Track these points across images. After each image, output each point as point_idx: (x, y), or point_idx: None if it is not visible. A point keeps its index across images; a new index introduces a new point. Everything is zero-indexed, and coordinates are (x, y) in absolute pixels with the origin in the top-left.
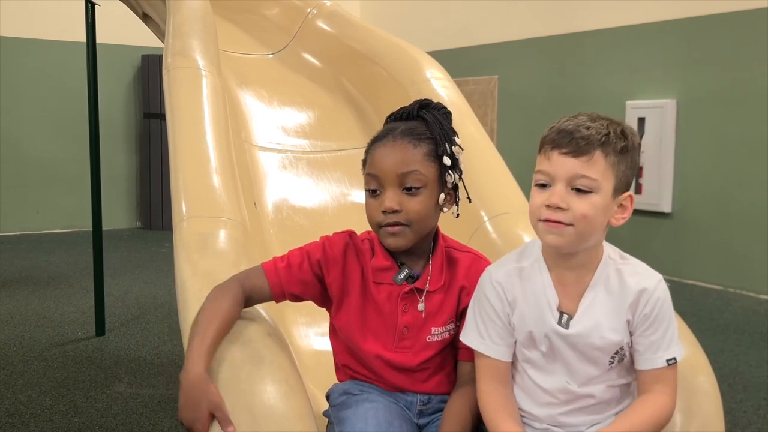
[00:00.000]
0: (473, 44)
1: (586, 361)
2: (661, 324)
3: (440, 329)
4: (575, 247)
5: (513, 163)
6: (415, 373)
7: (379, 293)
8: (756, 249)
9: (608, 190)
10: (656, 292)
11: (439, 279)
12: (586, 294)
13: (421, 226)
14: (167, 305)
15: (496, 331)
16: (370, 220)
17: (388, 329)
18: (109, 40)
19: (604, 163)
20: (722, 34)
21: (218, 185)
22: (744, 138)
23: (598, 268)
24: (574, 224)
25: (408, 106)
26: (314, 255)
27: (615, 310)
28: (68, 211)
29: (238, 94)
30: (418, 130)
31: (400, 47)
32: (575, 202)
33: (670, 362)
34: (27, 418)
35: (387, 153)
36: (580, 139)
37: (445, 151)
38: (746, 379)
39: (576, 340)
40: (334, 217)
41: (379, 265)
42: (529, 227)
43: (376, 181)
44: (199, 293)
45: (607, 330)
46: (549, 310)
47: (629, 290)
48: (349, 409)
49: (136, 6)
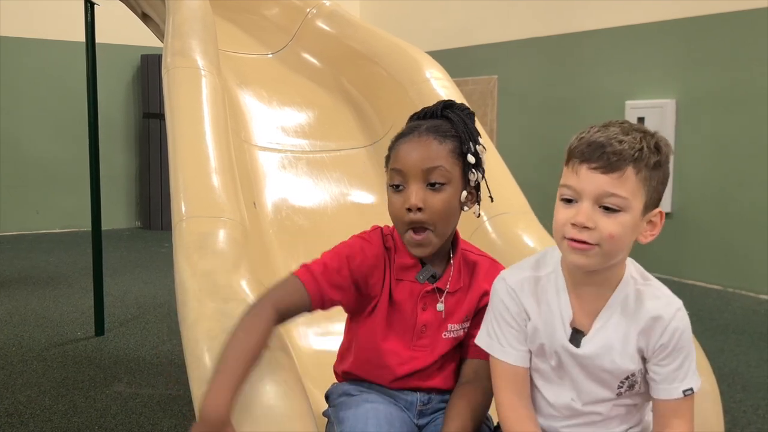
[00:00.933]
0: (473, 44)
1: (595, 382)
2: (680, 354)
3: (457, 326)
4: (600, 266)
5: (512, 163)
6: (423, 371)
7: (401, 290)
8: (756, 249)
9: (638, 208)
10: (673, 322)
11: (459, 280)
12: (602, 313)
13: (444, 226)
14: (167, 305)
15: (514, 336)
16: (393, 216)
17: (407, 327)
18: (109, 40)
19: (635, 180)
20: (722, 34)
21: (218, 185)
22: (744, 138)
23: (618, 287)
24: (600, 244)
25: (432, 105)
26: (354, 259)
27: (627, 335)
28: (68, 210)
29: (237, 94)
30: (443, 128)
31: (400, 47)
32: (603, 222)
33: (686, 393)
34: (26, 418)
35: (413, 148)
36: (612, 154)
37: (469, 149)
38: (746, 379)
39: (586, 360)
40: (333, 217)
41: (402, 263)
42: (529, 227)
43: (401, 175)
44: (198, 293)
45: (618, 355)
46: (562, 326)
47: (644, 315)
48: (349, 409)
49: (135, 6)
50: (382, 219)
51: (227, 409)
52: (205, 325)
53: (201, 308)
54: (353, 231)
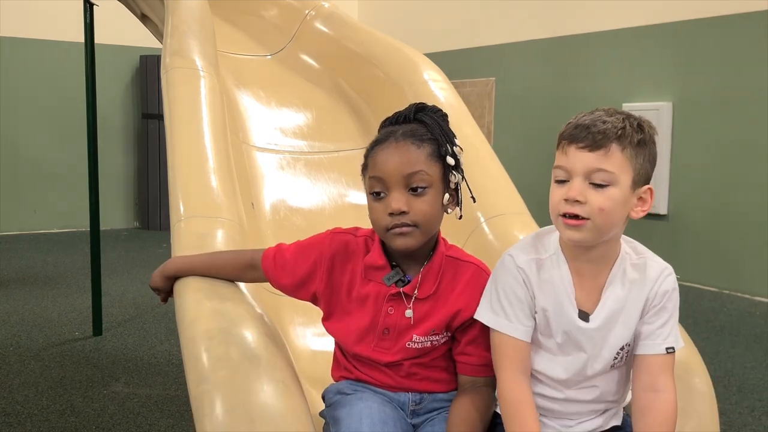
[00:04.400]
0: (471, 46)
1: (598, 357)
2: (665, 313)
3: (421, 338)
4: (595, 240)
5: (510, 164)
6: (393, 368)
7: (367, 290)
8: (751, 251)
9: (626, 183)
10: (664, 284)
11: (430, 287)
12: (606, 290)
13: (429, 227)
14: (164, 305)
15: (522, 311)
16: (375, 224)
17: (370, 328)
18: (108, 41)
19: (621, 156)
20: (718, 37)
21: (216, 185)
22: (739, 140)
23: (616, 263)
24: (591, 218)
25: (404, 110)
26: (309, 252)
27: (629, 306)
28: (66, 211)
29: (236, 95)
30: (419, 132)
31: (398, 49)
32: (593, 196)
33: (669, 350)
34: (23, 417)
35: (391, 154)
36: (596, 133)
37: (447, 151)
38: (741, 380)
39: (594, 333)
40: (330, 217)
41: (372, 263)
42: (525, 228)
43: (381, 183)
44: (196, 293)
45: (621, 326)
46: (570, 304)
47: (642, 287)
48: (344, 408)
49: (134, 6)
50: None
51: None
52: (202, 325)
53: (199, 308)
54: None
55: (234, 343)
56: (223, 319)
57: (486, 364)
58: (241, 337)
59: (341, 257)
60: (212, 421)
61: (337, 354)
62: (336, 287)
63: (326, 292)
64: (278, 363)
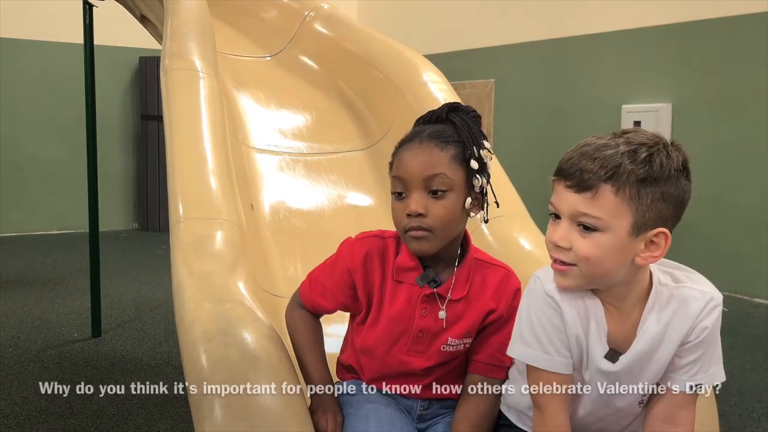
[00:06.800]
0: (470, 48)
1: (620, 398)
2: (699, 349)
3: (457, 341)
4: (589, 286)
5: (509, 166)
6: (419, 377)
7: (399, 293)
8: (751, 252)
9: (623, 228)
10: (706, 320)
11: (462, 289)
12: (639, 329)
13: (446, 232)
14: (164, 307)
15: (561, 342)
16: (396, 223)
17: (403, 330)
18: (107, 42)
19: (614, 199)
20: (718, 38)
21: (215, 187)
22: (739, 142)
23: (650, 298)
24: (578, 265)
25: (437, 109)
26: (336, 267)
27: (665, 346)
28: (65, 212)
29: (235, 96)
30: (446, 133)
31: (397, 50)
32: (577, 242)
33: (694, 388)
34: (22, 419)
35: (413, 156)
36: (583, 172)
37: (472, 154)
38: (741, 382)
39: (619, 376)
40: (330, 219)
41: (403, 264)
42: (525, 229)
43: (402, 183)
44: (195, 294)
45: (655, 364)
46: (599, 341)
47: (684, 324)
48: (350, 408)
49: (133, 8)
50: (379, 221)
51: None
52: (202, 326)
53: (198, 310)
54: (350, 233)
55: (233, 345)
56: (222, 320)
57: (499, 365)
58: (240, 338)
59: (370, 260)
60: (212, 422)
61: (346, 344)
62: (370, 290)
63: (365, 297)
64: (277, 364)
